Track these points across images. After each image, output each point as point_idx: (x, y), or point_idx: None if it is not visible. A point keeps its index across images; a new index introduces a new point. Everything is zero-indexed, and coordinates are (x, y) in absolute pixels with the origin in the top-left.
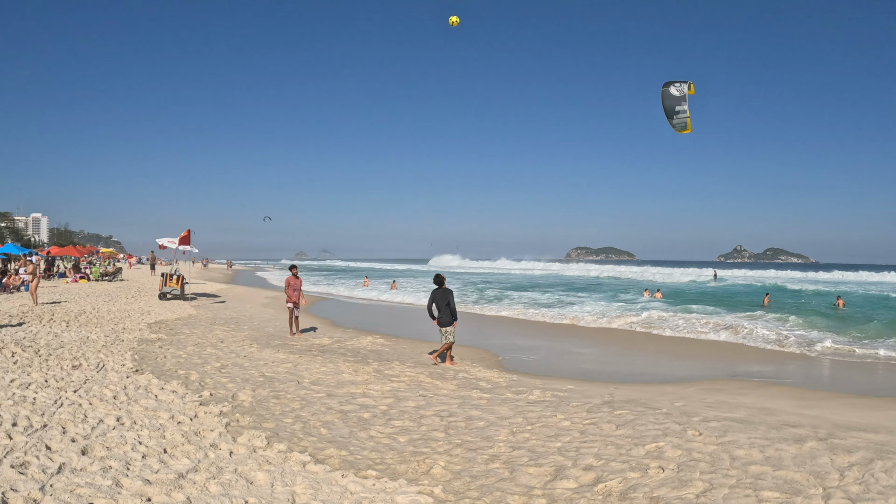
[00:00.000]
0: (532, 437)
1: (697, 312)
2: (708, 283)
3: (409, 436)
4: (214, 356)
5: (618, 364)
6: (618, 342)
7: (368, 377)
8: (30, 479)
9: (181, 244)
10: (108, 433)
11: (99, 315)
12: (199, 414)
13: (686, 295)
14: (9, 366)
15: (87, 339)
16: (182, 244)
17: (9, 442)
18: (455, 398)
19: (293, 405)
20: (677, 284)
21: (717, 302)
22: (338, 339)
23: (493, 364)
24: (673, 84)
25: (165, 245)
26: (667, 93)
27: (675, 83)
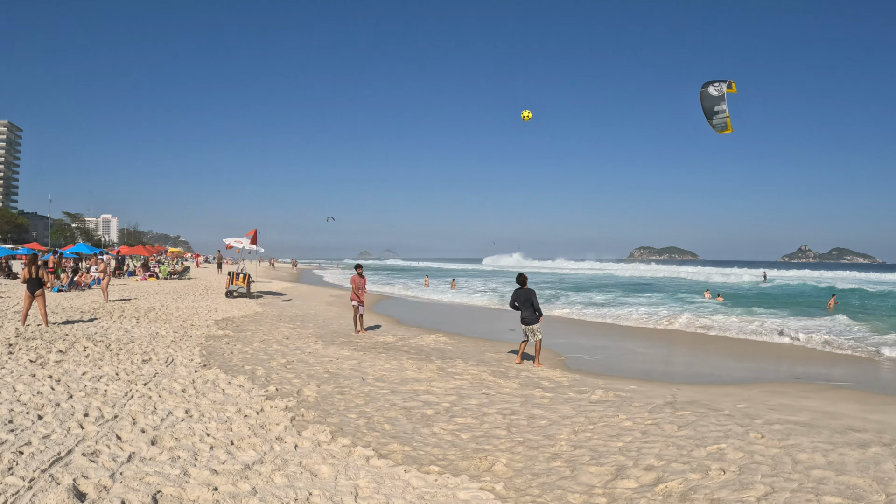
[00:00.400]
0: (594, 437)
1: (759, 314)
2: (759, 284)
3: (471, 433)
4: (280, 352)
5: (679, 365)
6: (679, 343)
7: (432, 375)
8: (100, 467)
9: (248, 243)
10: (177, 425)
11: (168, 312)
12: (265, 408)
13: (747, 296)
14: (81, 359)
15: (157, 334)
16: (249, 243)
17: (81, 431)
18: (517, 397)
19: (357, 401)
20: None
21: (780, 304)
22: (401, 337)
23: (556, 363)
24: (712, 84)
25: (232, 245)
26: (705, 93)
27: (714, 83)
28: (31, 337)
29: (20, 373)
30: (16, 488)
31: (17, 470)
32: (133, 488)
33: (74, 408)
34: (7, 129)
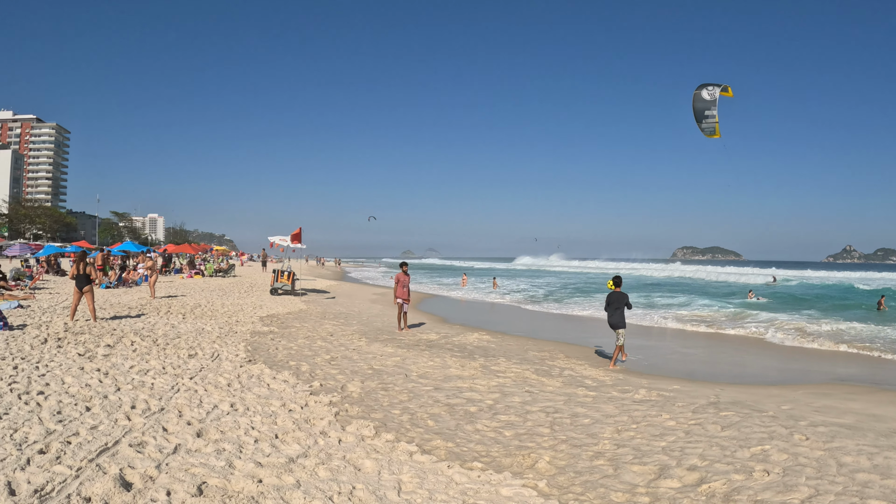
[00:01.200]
0: (637, 436)
1: (805, 315)
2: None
3: (514, 430)
4: (324, 349)
5: (723, 365)
6: (723, 343)
7: (475, 372)
8: (147, 458)
9: (293, 242)
10: (223, 418)
11: (213, 308)
12: (310, 403)
13: (794, 297)
14: (128, 353)
15: (202, 330)
16: (293, 242)
17: (128, 423)
18: (561, 395)
19: (401, 397)
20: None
21: (828, 304)
22: (445, 335)
23: (599, 362)
24: (706, 87)
25: (277, 243)
26: (698, 95)
27: (708, 86)
28: (79, 331)
29: (69, 366)
30: (63, 476)
31: (65, 459)
32: (178, 479)
33: (122, 400)
34: (55, 131)
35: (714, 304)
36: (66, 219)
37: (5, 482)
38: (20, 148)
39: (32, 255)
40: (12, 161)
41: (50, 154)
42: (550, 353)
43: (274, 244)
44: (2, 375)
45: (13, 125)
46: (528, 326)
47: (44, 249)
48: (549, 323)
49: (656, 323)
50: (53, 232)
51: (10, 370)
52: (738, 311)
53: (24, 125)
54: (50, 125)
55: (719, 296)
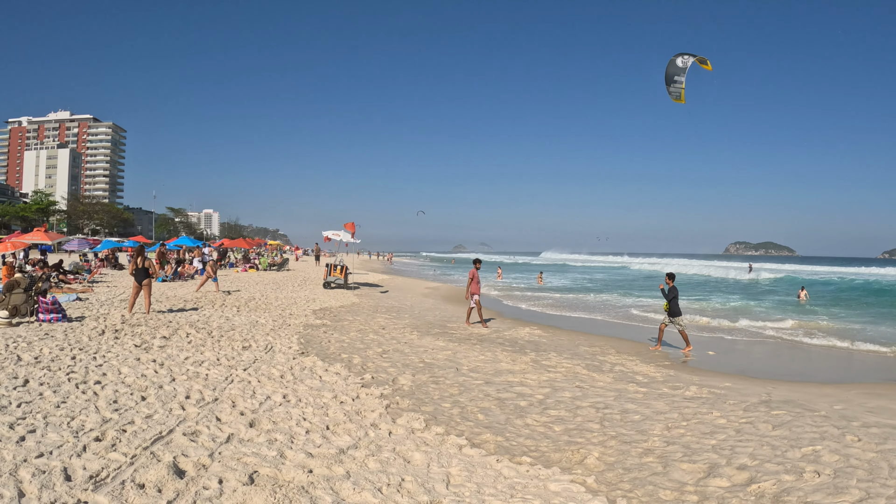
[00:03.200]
0: (687, 434)
1: (853, 316)
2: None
3: (564, 425)
4: (376, 342)
5: (774, 363)
6: (774, 341)
7: (526, 367)
8: (200, 447)
9: (345, 236)
10: (275, 409)
11: (267, 301)
12: (361, 395)
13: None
14: (184, 345)
15: (256, 322)
16: (347, 236)
17: (182, 413)
18: (611, 391)
19: (451, 391)
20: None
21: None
22: (496, 329)
23: (651, 358)
24: (682, 55)
25: (331, 237)
26: (672, 61)
27: (684, 54)
28: (136, 323)
29: (125, 356)
30: (118, 463)
31: (120, 446)
32: (231, 467)
33: (176, 390)
34: (112, 130)
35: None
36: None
37: (62, 468)
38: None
39: (90, 249)
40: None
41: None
42: (602, 349)
43: (328, 238)
44: (60, 366)
45: (71, 125)
46: (578, 321)
47: (101, 244)
48: (599, 317)
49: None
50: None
51: (69, 360)
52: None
53: (81, 125)
54: (106, 124)
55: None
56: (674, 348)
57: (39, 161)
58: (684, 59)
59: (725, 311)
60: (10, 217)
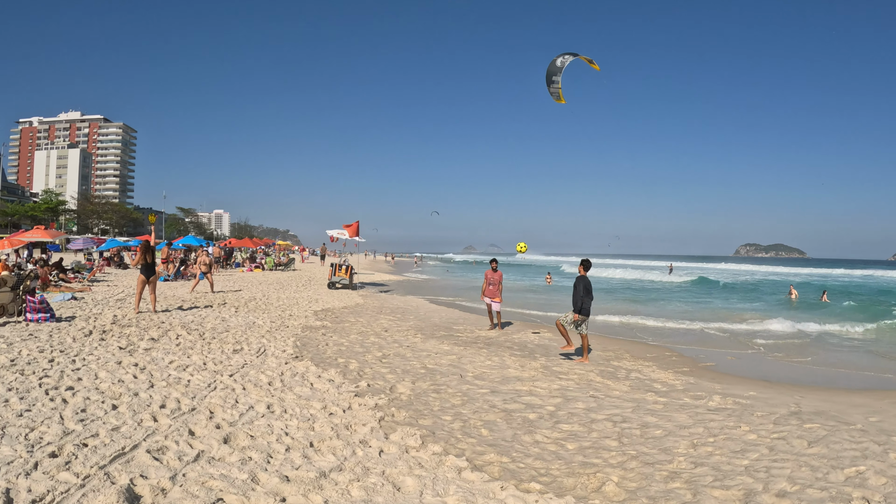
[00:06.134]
0: (716, 452)
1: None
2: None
3: (578, 443)
4: (377, 345)
5: (798, 368)
6: (794, 345)
7: (535, 373)
8: (163, 466)
9: (350, 235)
10: (256, 421)
11: (268, 302)
12: (353, 406)
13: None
14: (171, 347)
15: (253, 324)
16: (351, 235)
17: (152, 424)
18: (628, 401)
19: (454, 401)
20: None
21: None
22: (504, 332)
23: (668, 364)
24: (563, 55)
25: (336, 237)
26: (553, 62)
27: (566, 55)
28: (126, 324)
29: (106, 360)
30: (67, 486)
31: (75, 465)
32: (192, 493)
33: (152, 398)
34: (122, 130)
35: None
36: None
37: (4, 488)
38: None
39: (95, 248)
40: (81, 159)
41: (117, 152)
42: (615, 353)
43: (334, 238)
44: (35, 369)
45: (81, 125)
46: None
47: (106, 243)
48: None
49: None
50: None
51: (46, 363)
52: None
53: (91, 125)
54: (117, 125)
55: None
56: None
57: (50, 161)
58: (563, 58)
59: (724, 312)
60: (19, 216)
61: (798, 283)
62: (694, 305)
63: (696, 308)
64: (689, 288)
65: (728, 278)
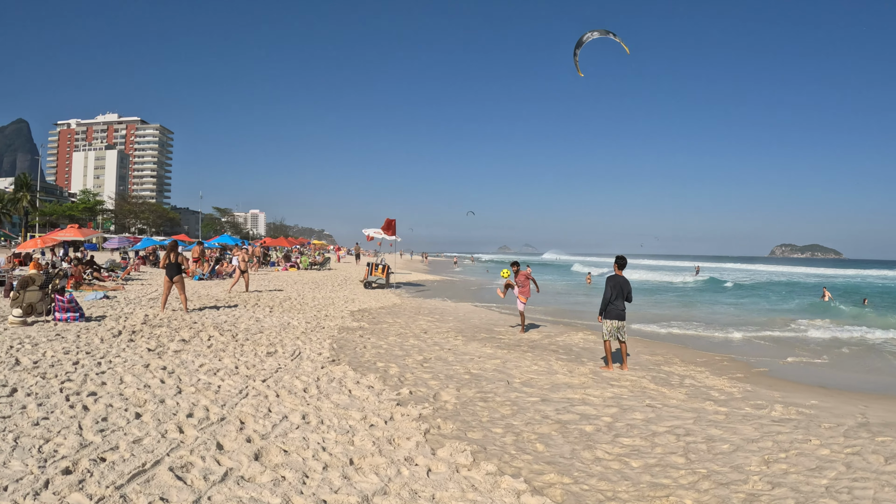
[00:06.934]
0: (791, 470)
1: None
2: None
3: (642, 460)
4: (417, 348)
5: (853, 374)
6: (841, 350)
7: (585, 380)
8: (186, 488)
9: (386, 234)
10: (290, 433)
11: (303, 301)
12: (395, 416)
13: None
14: (202, 349)
15: (288, 324)
16: (387, 234)
17: (177, 436)
18: (688, 411)
19: (503, 410)
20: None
21: None
22: (547, 334)
23: (721, 369)
24: (593, 31)
25: (372, 236)
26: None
27: (595, 31)
28: (157, 324)
29: (133, 362)
30: None
31: (89, 484)
32: None
33: (179, 406)
34: (159, 132)
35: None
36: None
37: None
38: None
39: (131, 247)
40: (118, 160)
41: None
42: (664, 357)
43: (370, 237)
44: (58, 372)
45: (118, 127)
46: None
47: (141, 242)
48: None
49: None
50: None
51: (69, 366)
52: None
53: (129, 127)
54: (154, 126)
55: None
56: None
57: (88, 162)
58: (592, 34)
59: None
60: (57, 216)
61: (830, 285)
62: (728, 308)
63: (732, 311)
64: (719, 290)
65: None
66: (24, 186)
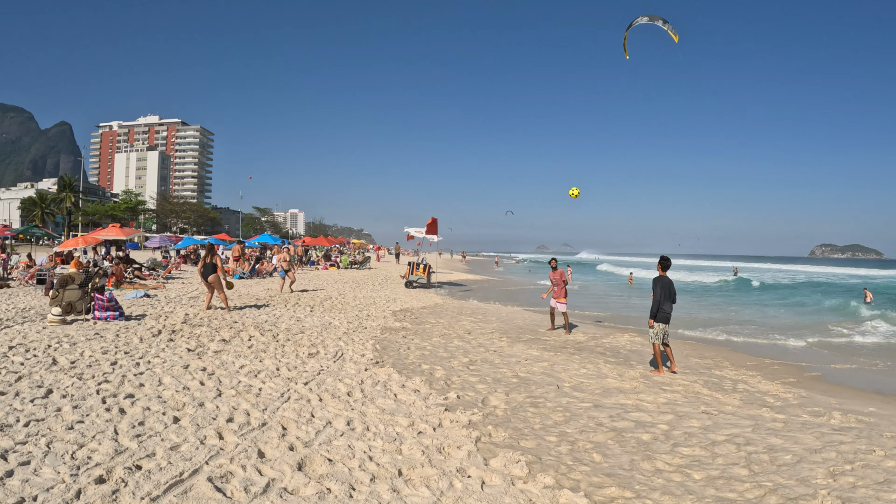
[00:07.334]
0: (858, 484)
1: None
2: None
3: (704, 471)
4: (462, 350)
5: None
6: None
7: (637, 384)
8: (226, 500)
9: (428, 233)
10: (334, 440)
11: (344, 301)
12: (444, 422)
13: None
14: (243, 350)
15: (329, 324)
16: (429, 233)
17: (217, 443)
18: (745, 418)
19: (555, 417)
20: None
21: None
22: (592, 336)
23: (771, 373)
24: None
25: (413, 235)
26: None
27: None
28: (197, 323)
29: (173, 363)
30: None
31: (123, 495)
32: None
33: (219, 409)
34: (199, 133)
35: None
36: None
37: None
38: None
39: (172, 246)
40: (159, 161)
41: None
42: (714, 360)
43: (409, 236)
44: (95, 373)
45: (160, 128)
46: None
47: (182, 241)
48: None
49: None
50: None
51: (107, 367)
52: None
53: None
54: (194, 128)
55: None
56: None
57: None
58: (642, 18)
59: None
60: (100, 216)
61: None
62: (770, 310)
63: (774, 313)
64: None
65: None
66: (67, 187)
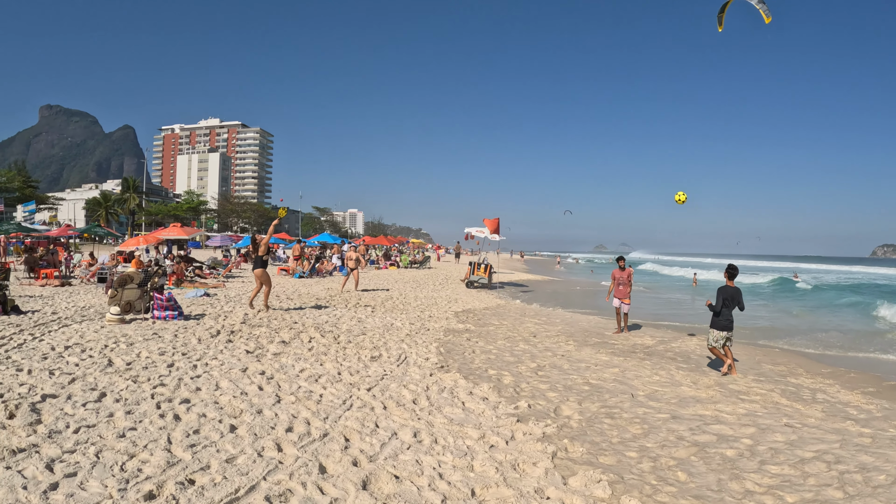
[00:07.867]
0: None
1: None
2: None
3: (797, 493)
4: (528, 354)
5: None
6: None
7: (713, 393)
8: None
9: (490, 233)
10: (401, 454)
11: (405, 301)
12: (517, 435)
13: None
14: (303, 352)
15: (391, 326)
16: (492, 233)
17: (275, 455)
18: (830, 432)
19: (632, 430)
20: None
21: None
22: (661, 340)
23: (848, 381)
24: None
25: (474, 234)
26: None
27: None
28: (256, 324)
29: (231, 366)
30: None
31: None
32: None
33: (278, 417)
34: (259, 135)
35: None
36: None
37: None
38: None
39: (233, 245)
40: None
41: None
42: (788, 367)
43: (470, 236)
44: (151, 375)
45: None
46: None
47: (242, 241)
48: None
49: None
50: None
51: (164, 369)
52: None
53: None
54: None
55: None
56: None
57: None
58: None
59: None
60: (163, 215)
61: None
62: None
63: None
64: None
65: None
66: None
